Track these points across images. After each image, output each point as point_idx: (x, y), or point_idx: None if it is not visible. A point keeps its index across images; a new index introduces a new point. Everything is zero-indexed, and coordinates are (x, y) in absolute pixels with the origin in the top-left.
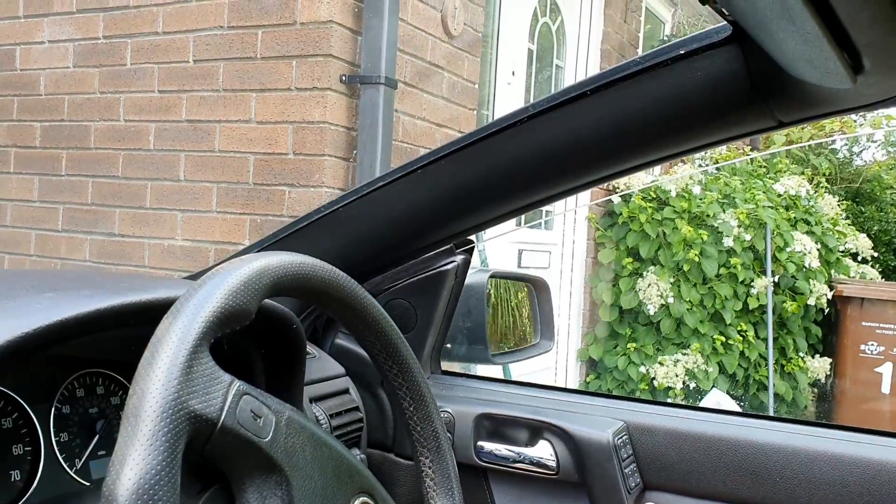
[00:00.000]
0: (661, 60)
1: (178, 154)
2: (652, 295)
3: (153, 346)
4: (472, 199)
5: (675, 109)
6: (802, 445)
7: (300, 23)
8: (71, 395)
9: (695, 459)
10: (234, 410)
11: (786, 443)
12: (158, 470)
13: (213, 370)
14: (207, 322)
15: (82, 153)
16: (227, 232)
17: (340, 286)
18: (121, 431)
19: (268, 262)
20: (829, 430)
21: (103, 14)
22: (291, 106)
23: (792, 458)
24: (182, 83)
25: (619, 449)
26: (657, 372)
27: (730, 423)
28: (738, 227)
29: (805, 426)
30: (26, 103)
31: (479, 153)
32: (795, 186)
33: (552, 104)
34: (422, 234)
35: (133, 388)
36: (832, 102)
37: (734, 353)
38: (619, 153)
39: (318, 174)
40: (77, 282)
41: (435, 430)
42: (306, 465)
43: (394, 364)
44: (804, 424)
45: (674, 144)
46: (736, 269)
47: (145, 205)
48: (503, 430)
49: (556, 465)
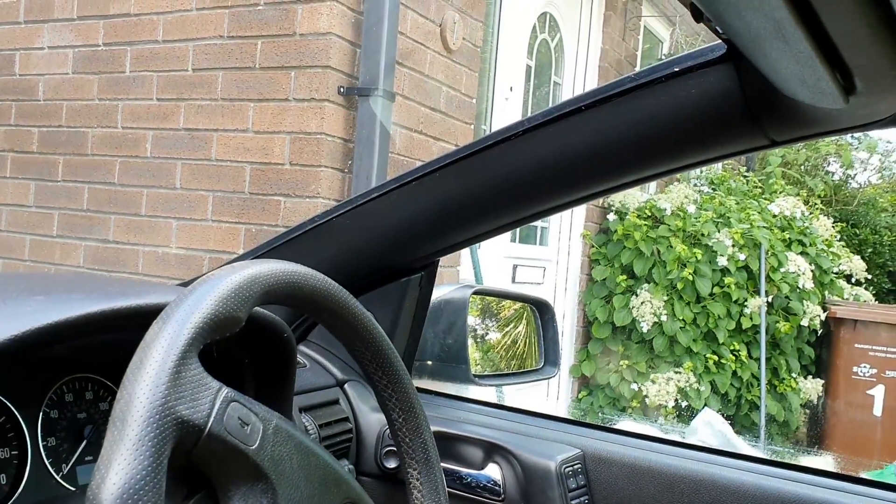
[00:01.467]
0: (656, 77)
1: (175, 162)
2: (645, 313)
3: (142, 351)
4: (466, 212)
5: (669, 126)
6: (773, 488)
7: (299, 34)
8: (59, 399)
9: (652, 496)
10: (222, 417)
11: (754, 483)
12: (144, 475)
13: (202, 376)
14: (197, 328)
15: (79, 159)
16: (222, 241)
17: (331, 295)
18: (107, 435)
19: (259, 269)
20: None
21: (103, 21)
22: (289, 116)
23: (760, 501)
24: (180, 91)
25: (568, 478)
26: (649, 390)
27: (695, 459)
28: (733, 246)
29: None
30: (24, 108)
31: (474, 166)
32: (791, 207)
33: (547, 118)
34: (415, 246)
35: (120, 393)
36: (825, 122)
37: (727, 372)
38: (613, 168)
39: (314, 185)
40: (68, 285)
41: (424, 442)
42: (293, 474)
43: (384, 375)
44: (777, 466)
45: (667, 161)
46: (730, 288)
47: (140, 212)
48: (454, 450)
49: (503, 490)
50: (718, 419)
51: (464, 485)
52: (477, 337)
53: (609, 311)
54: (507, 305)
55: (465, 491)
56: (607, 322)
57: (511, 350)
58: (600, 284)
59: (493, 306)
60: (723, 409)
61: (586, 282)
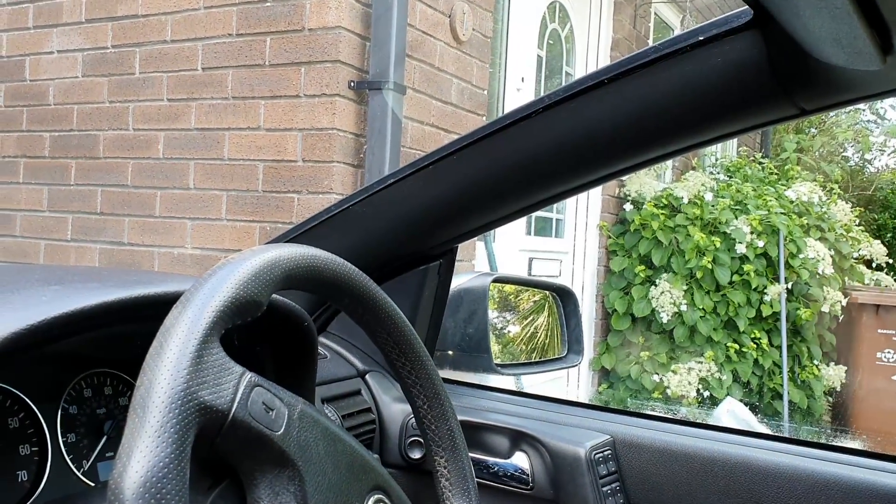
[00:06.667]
0: (680, 47)
1: (188, 162)
2: (665, 303)
3: (161, 336)
4: (485, 195)
5: (695, 98)
6: (809, 469)
7: (308, 29)
8: (78, 395)
9: (686, 481)
10: (246, 402)
11: (790, 465)
12: (167, 463)
13: (224, 361)
14: (218, 311)
15: (91, 162)
16: (237, 240)
17: (353, 280)
18: (127, 423)
19: (279, 253)
20: (840, 454)
21: (112, 23)
22: (300, 113)
23: (796, 483)
24: (191, 91)
25: (598, 465)
26: (671, 380)
27: (727, 442)
28: (751, 233)
29: (813, 448)
30: (35, 113)
31: (492, 147)
32: (808, 193)
33: (568, 94)
34: (434, 232)
35: (140, 380)
36: (859, 87)
37: (748, 360)
38: (636, 144)
39: (326, 181)
40: (84, 275)
41: (450, 429)
42: (320, 460)
43: (407, 361)
44: (812, 446)
45: (693, 134)
46: (749, 276)
47: (155, 213)
48: (480, 439)
49: (531, 478)
50: (741, 407)
51: (491, 474)
52: (496, 326)
53: (628, 302)
54: (526, 295)
55: (492, 480)
56: (626, 313)
57: (532, 339)
58: (618, 276)
59: (512, 296)
60: (745, 397)
61: (604, 273)
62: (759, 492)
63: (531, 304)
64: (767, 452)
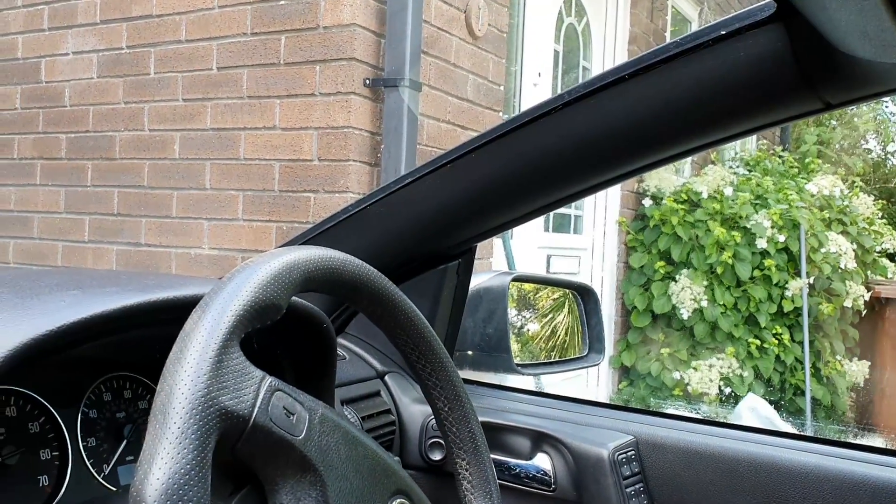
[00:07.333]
0: (701, 42)
1: (204, 162)
2: (685, 299)
3: (181, 341)
4: (504, 194)
5: (717, 93)
6: (837, 469)
7: (323, 27)
8: (98, 399)
9: (711, 481)
10: (266, 407)
11: (817, 465)
12: (188, 469)
13: (244, 365)
14: (237, 315)
15: (108, 163)
16: (254, 240)
17: (372, 282)
18: (148, 429)
19: (298, 255)
20: (869, 453)
21: (126, 24)
22: (315, 111)
23: (824, 483)
24: (206, 91)
25: (622, 465)
26: (692, 378)
27: (753, 442)
28: (772, 227)
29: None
30: (51, 115)
31: (511, 144)
32: (829, 186)
33: (588, 90)
34: (452, 231)
35: (161, 385)
36: (885, 80)
37: (770, 357)
38: (658, 141)
39: (342, 180)
40: (102, 279)
41: (472, 431)
42: (341, 465)
43: (426, 363)
44: (840, 446)
45: (715, 130)
46: (770, 271)
47: (171, 214)
48: (501, 440)
49: (553, 480)
50: (763, 404)
51: (512, 475)
52: (515, 326)
53: (648, 298)
54: (545, 293)
55: (514, 482)
56: (646, 310)
57: (552, 338)
58: (638, 272)
59: (531, 295)
60: (767, 394)
61: (623, 270)
62: (786, 492)
63: (550, 303)
64: (794, 452)
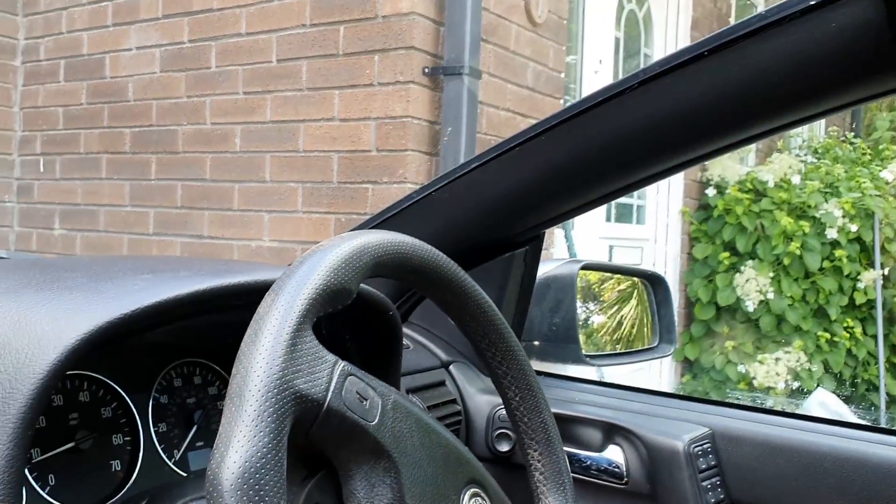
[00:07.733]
0: (788, 13)
1: (264, 155)
2: (750, 291)
3: (255, 325)
4: (573, 178)
5: (805, 68)
6: None
7: (382, 16)
8: (168, 384)
9: (792, 476)
10: (340, 391)
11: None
12: (265, 453)
13: (318, 349)
14: (310, 299)
15: (171, 157)
16: (313, 232)
17: (442, 268)
18: (224, 412)
19: (368, 239)
20: None
21: (188, 18)
22: (374, 101)
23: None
24: (266, 84)
25: (697, 458)
26: (757, 371)
27: (837, 435)
28: (843, 217)
29: None
30: (116, 110)
31: (582, 127)
32: None
33: (665, 67)
34: (519, 217)
35: (236, 368)
36: None
37: (840, 350)
38: (740, 120)
39: (401, 170)
40: (175, 264)
41: (544, 422)
42: (415, 452)
43: (497, 351)
44: None
45: (802, 108)
46: (841, 262)
47: (233, 206)
48: (570, 431)
49: (626, 472)
50: (833, 399)
51: (583, 468)
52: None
53: (712, 290)
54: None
55: (584, 474)
56: (710, 302)
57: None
58: (702, 263)
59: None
60: (838, 389)
61: (687, 261)
62: (876, 490)
63: (616, 293)
64: (883, 447)
